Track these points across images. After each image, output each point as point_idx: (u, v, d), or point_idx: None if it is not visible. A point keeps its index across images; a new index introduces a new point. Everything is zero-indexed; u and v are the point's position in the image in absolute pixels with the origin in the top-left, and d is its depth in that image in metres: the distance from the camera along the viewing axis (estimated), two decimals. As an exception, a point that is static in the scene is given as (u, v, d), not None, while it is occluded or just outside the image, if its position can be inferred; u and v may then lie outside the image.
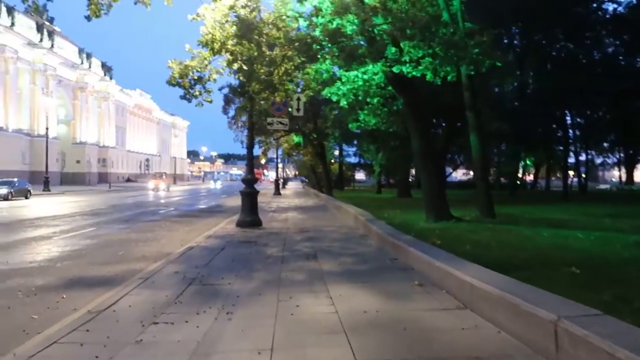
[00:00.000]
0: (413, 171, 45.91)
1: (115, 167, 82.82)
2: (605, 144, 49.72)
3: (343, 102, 14.99)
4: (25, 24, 56.73)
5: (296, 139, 39.82)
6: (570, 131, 36.86)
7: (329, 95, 15.03)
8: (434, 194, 14.15)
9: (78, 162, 69.10)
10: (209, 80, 14.46)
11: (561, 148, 39.91)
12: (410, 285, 6.39)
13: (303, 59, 12.18)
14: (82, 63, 70.58)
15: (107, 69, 79.69)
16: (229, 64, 12.67)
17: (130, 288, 6.42)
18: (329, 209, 22.11)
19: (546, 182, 50.77)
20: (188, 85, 14.21)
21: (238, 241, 11.13)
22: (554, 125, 34.23)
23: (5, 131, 51.41)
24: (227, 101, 32.01)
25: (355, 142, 44.72)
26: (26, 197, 33.04)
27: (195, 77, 14.37)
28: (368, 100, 14.98)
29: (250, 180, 14.03)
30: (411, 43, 11.53)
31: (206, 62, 13.98)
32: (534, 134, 30.43)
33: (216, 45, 12.26)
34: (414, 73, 12.79)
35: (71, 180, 65.07)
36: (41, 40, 58.77)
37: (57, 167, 62.24)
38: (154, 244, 11.70)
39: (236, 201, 31.23)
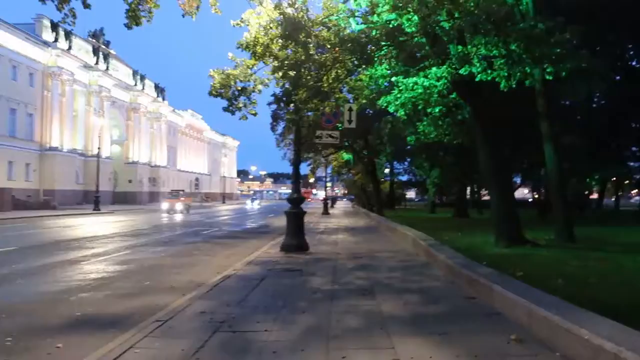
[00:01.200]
0: (468, 189, 43.62)
1: (167, 186, 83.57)
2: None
3: (401, 113, 13.47)
4: (83, 48, 58.25)
5: (346, 156, 38.43)
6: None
7: (384, 104, 13.55)
8: (506, 215, 12.33)
9: (130, 181, 70.05)
10: (253, 91, 13.30)
11: (632, 164, 36.83)
12: (505, 342, 4.73)
13: (356, 61, 10.75)
14: (135, 84, 72.00)
15: (159, 90, 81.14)
16: (274, 70, 11.39)
17: (141, 336, 5.06)
18: (381, 231, 20.46)
19: (616, 200, 47.08)
20: (231, 97, 13.12)
21: (281, 269, 9.70)
22: (628, 139, 31.37)
23: (60, 151, 52.41)
24: (275, 118, 31.03)
25: (407, 159, 42.92)
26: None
27: (239, 88, 13.25)
28: (429, 110, 13.40)
29: (296, 200, 12.63)
30: (483, 40, 9.91)
31: (249, 71, 12.84)
32: (606, 148, 27.77)
33: (259, 49, 11.03)
34: (483, 77, 11.15)
35: (123, 199, 65.89)
36: (97, 62, 60.17)
37: (110, 186, 63.20)
38: (187, 271, 10.42)
39: (284, 221, 30.13)
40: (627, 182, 51.61)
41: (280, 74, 10.73)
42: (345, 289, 7.63)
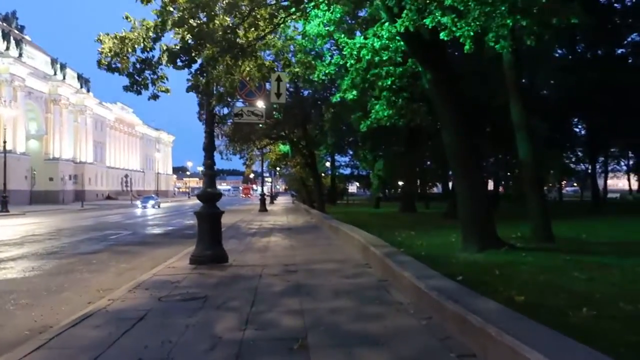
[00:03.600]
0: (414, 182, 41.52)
1: (94, 184, 78.02)
2: (612, 150, 45.24)
3: (349, 95, 10.77)
4: (-10, 32, 52.36)
5: (283, 148, 35.40)
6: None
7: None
8: (477, 210, 9.82)
9: (51, 179, 64.20)
10: (161, 63, 10.12)
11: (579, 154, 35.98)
12: None
13: (285, 2, 7.82)
14: (55, 74, 65.95)
15: (83, 80, 75.08)
16: (162, 16, 8.32)
17: None
18: (322, 230, 17.72)
19: (559, 191, 46.30)
20: (132, 71, 9.88)
21: (178, 297, 6.71)
22: (579, 127, 30.20)
23: (-39, 147, 46.52)
24: (202, 105, 27.62)
25: (349, 151, 40.35)
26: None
27: (140, 59, 10.04)
28: (379, 83, 10.73)
29: (209, 196, 9.62)
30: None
31: (151, 34, 9.66)
32: (558, 137, 26.26)
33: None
34: (445, 35, 8.60)
35: (44, 198, 60.08)
36: (7, 48, 54.25)
37: (27, 185, 57.53)
38: (44, 302, 7.25)
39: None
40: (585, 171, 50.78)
41: (171, 21, 7.66)
42: (264, 338, 4.76)
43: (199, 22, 7.67)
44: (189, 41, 8.08)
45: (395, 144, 27.40)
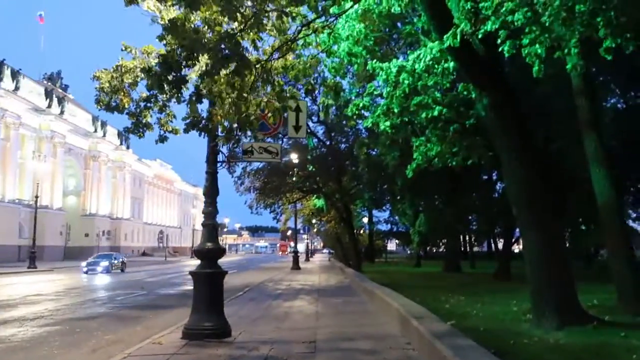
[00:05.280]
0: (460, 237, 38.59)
1: (130, 240, 77.61)
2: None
3: (382, 125, 8.89)
4: (34, 90, 53.47)
5: (317, 202, 33.49)
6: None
7: (355, 111, 8.96)
8: (555, 272, 7.52)
9: (87, 235, 63.94)
10: (170, 98, 8.34)
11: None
12: None
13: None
14: (95, 131, 67.05)
15: (124, 137, 76.01)
16: (161, 37, 6.60)
17: None
18: (356, 293, 15.44)
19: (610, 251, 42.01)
20: (135, 111, 8.05)
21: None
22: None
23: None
24: (232, 156, 26.38)
25: (387, 206, 38.11)
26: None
27: (144, 96, 8.27)
28: (423, 115, 8.81)
29: (209, 253, 7.68)
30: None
31: (153, 61, 7.97)
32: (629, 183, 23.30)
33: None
34: (509, 48, 6.69)
35: (78, 254, 59.35)
36: (49, 106, 55.24)
37: (61, 240, 57.21)
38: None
39: (244, 278, 24.74)
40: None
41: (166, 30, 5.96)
42: None
43: (189, 27, 5.99)
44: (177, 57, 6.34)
45: (437, 194, 25.17)
